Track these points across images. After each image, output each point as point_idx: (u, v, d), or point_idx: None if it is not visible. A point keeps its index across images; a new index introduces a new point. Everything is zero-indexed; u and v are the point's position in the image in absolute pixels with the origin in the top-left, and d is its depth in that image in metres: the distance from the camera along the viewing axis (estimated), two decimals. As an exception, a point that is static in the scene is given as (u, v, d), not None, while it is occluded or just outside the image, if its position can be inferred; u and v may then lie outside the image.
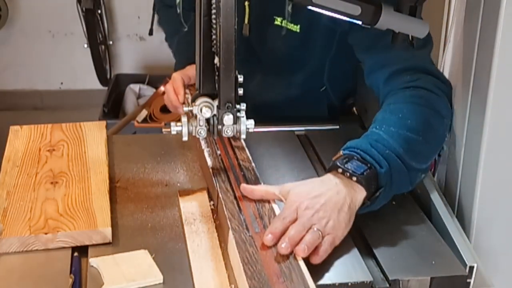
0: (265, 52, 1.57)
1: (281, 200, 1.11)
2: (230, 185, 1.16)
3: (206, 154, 1.26)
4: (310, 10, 1.39)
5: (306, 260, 1.00)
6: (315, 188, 1.09)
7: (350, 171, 1.10)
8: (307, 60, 1.55)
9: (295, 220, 1.05)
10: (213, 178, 1.18)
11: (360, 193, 1.10)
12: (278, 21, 1.48)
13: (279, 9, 1.45)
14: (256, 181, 1.18)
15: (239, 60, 1.08)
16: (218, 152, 1.25)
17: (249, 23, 1.48)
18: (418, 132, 1.17)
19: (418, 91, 1.24)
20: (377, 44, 1.33)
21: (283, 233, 1.02)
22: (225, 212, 1.08)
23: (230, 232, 1.03)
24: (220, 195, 1.13)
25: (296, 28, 1.46)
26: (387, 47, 1.28)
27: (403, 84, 1.27)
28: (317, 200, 1.07)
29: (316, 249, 1.03)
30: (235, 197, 1.13)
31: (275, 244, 1.01)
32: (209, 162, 1.23)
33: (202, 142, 1.30)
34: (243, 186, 1.14)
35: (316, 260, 1.03)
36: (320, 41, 1.49)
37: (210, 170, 1.21)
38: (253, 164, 1.23)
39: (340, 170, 1.11)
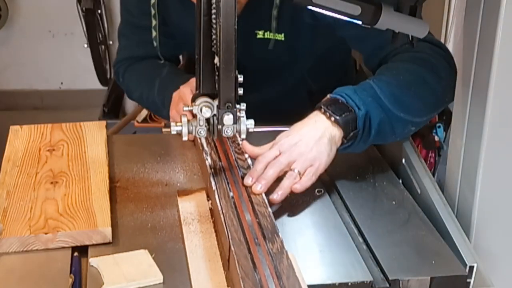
0: (252, 68, 1.53)
1: None
2: (244, 235, 1.03)
3: (216, 197, 1.14)
4: (291, 16, 1.40)
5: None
6: (295, 128, 1.23)
7: (330, 112, 1.21)
8: (294, 63, 1.56)
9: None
10: (225, 226, 1.05)
11: (338, 131, 1.21)
12: (260, 34, 1.46)
13: (259, 23, 1.45)
14: (273, 230, 1.05)
15: None
16: (231, 194, 1.15)
17: None
18: (409, 87, 1.26)
19: (416, 54, 1.31)
20: (370, 30, 1.33)
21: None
22: (238, 270, 0.94)
23: None
24: (232, 248, 0.99)
25: (280, 37, 1.46)
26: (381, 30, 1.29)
27: (404, 50, 1.33)
28: (297, 137, 1.20)
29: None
30: (249, 251, 0.99)
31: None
32: (219, 206, 1.11)
33: (213, 182, 1.18)
34: (244, 144, 1.26)
35: (298, 188, 1.14)
36: (305, 41, 1.50)
37: (222, 216, 1.08)
38: (269, 209, 1.11)
39: (322, 111, 1.22)
